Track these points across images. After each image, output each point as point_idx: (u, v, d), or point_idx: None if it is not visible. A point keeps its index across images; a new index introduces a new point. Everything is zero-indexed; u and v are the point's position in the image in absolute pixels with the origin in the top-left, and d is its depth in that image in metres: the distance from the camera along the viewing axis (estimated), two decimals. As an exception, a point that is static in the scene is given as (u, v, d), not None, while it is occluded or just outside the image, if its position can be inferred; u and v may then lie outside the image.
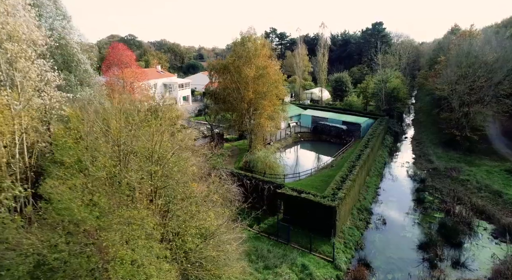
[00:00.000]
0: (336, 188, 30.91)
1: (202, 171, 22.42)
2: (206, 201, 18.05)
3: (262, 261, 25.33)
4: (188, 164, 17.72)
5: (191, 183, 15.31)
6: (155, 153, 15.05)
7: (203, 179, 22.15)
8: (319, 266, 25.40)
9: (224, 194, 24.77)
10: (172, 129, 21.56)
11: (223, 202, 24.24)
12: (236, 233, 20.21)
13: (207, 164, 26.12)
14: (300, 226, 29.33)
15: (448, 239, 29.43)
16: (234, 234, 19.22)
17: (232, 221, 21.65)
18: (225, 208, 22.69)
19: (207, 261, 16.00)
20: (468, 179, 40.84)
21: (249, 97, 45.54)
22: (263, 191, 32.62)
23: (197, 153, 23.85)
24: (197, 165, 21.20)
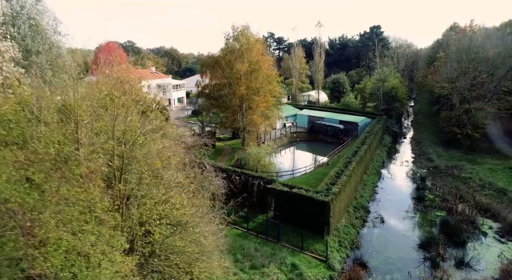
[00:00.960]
0: (331, 184, 28.86)
1: (182, 159, 20.39)
2: (180, 188, 15.96)
3: (249, 260, 23.19)
4: (160, 148, 15.71)
5: (156, 162, 13.23)
6: (116, 129, 13.07)
7: (182, 169, 20.17)
8: (311, 265, 23.23)
9: (204, 185, 22.81)
10: (143, 108, 19.57)
11: (204, 194, 22.30)
12: (214, 226, 18.18)
13: (189, 154, 24.14)
14: (292, 224, 27.22)
15: (451, 238, 27.30)
16: (213, 227, 17.13)
17: (212, 214, 19.72)
18: (205, 199, 20.78)
19: (176, 254, 13.87)
20: (471, 177, 38.80)
21: (241, 92, 43.68)
22: (252, 187, 30.53)
23: (178, 141, 21.93)
24: (174, 151, 19.23)
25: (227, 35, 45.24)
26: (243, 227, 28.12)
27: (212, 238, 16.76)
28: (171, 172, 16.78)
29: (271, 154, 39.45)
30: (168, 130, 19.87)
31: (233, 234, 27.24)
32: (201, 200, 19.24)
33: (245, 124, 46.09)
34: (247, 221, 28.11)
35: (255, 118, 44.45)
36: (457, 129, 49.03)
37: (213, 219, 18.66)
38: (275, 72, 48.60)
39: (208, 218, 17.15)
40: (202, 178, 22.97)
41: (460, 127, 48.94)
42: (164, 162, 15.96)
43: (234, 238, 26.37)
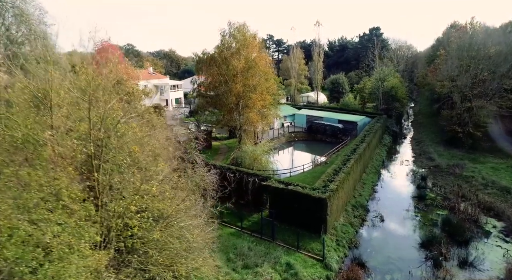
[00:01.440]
0: (328, 181, 27.77)
1: (169, 151, 19.35)
2: (164, 180, 14.89)
3: (242, 259, 22.08)
4: (143, 136, 14.65)
5: (133, 147, 12.15)
6: (92, 114, 12.04)
7: (169, 161, 19.11)
8: (307, 265, 22.10)
9: (195, 179, 21.74)
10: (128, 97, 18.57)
11: (193, 188, 21.23)
12: (201, 221, 17.12)
13: (179, 149, 23.10)
14: (287, 222, 26.12)
15: (453, 237, 26.17)
16: (199, 221, 16.04)
17: (199, 207, 18.69)
18: (194, 193, 19.74)
19: (159, 251, 12.77)
20: (473, 176, 37.71)
21: (237, 90, 42.64)
22: (247, 184, 29.43)
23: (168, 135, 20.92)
24: (160, 141, 18.18)
25: (223, 32, 44.27)
26: (237, 226, 27.01)
27: (198, 233, 15.68)
28: (155, 163, 15.75)
29: (268, 152, 38.35)
30: (153, 118, 18.73)
31: (227, 233, 26.15)
32: (188, 193, 18.23)
33: (241, 122, 45.07)
34: (241, 220, 26.99)
35: (251, 116, 43.41)
36: (458, 127, 47.96)
37: (201, 213, 17.67)
38: (272, 69, 47.69)
39: (195, 212, 16.08)
40: (192, 172, 21.92)
41: (462, 125, 47.88)
42: (148, 152, 14.91)
43: (227, 237, 25.30)
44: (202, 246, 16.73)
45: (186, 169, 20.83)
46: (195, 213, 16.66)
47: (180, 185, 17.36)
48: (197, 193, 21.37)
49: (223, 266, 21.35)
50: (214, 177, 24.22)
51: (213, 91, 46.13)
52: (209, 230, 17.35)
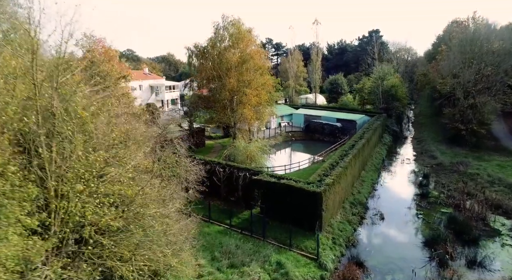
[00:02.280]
0: (324, 175, 25.82)
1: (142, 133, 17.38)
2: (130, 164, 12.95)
3: (228, 258, 20.04)
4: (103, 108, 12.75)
5: (81, 112, 10.16)
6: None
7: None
8: (300, 264, 20.08)
9: (174, 169, 19.82)
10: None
11: (174, 179, 19.34)
12: (179, 212, 15.24)
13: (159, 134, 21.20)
14: (280, 219, 24.10)
15: (460, 235, 24.14)
16: (173, 210, 14.11)
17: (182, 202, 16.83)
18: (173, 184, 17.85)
19: (115, 240, 10.80)
20: (478, 173, 35.76)
21: (231, 85, 40.86)
22: (238, 179, 27.47)
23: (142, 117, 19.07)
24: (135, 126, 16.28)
25: (217, 25, 42.59)
26: (226, 224, 25.00)
27: (172, 224, 13.76)
28: (125, 146, 13.87)
29: (262, 149, 36.41)
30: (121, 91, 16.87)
31: (214, 231, 24.18)
32: (165, 182, 16.35)
33: (235, 119, 43.25)
34: (230, 217, 24.98)
35: (246, 112, 41.57)
36: (461, 125, 46.04)
37: (179, 205, 15.76)
38: (269, 64, 46.02)
39: (172, 204, 14.13)
40: (173, 161, 19.98)
41: (465, 123, 45.96)
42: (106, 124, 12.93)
43: (214, 235, 23.32)
44: (178, 240, 14.88)
45: (166, 157, 18.89)
46: (172, 205, 14.75)
47: (155, 171, 15.48)
48: (178, 183, 19.50)
49: (206, 265, 19.37)
50: (198, 169, 22.27)
51: (205, 86, 44.43)
52: (185, 223, 15.41)
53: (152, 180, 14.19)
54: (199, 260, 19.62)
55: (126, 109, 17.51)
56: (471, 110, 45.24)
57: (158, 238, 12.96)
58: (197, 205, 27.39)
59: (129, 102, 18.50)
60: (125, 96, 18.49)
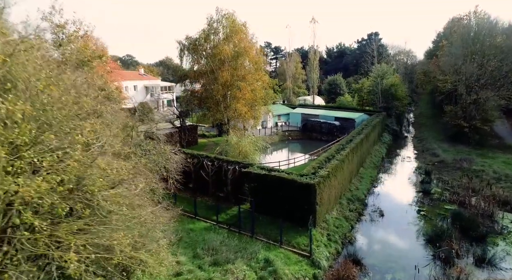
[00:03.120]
0: (319, 168, 23.98)
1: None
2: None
3: (211, 255, 18.12)
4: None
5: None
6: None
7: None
8: (290, 262, 18.16)
9: (155, 158, 18.02)
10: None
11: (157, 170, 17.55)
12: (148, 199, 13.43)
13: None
14: (271, 214, 22.21)
15: (466, 232, 22.24)
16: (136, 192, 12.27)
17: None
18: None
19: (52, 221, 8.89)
20: (483, 169, 33.93)
21: (224, 78, 39.27)
22: (227, 173, 25.64)
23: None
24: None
25: (210, 18, 41.06)
26: (213, 220, 23.08)
27: (138, 209, 11.92)
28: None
29: (256, 144, 34.57)
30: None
31: (199, 227, 22.24)
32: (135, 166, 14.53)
33: (229, 115, 41.55)
34: (217, 213, 23.05)
35: (239, 107, 39.91)
36: (464, 122, 44.31)
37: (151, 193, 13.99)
38: (263, 59, 44.47)
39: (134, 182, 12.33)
40: (151, 147, 18.18)
41: (468, 120, 44.21)
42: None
43: (199, 232, 21.38)
44: (150, 231, 13.10)
45: (142, 142, 17.11)
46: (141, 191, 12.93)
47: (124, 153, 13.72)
48: (154, 171, 17.63)
49: (187, 262, 17.46)
50: (180, 157, 20.46)
51: (198, 81, 42.85)
52: (159, 212, 13.57)
53: (120, 162, 12.48)
54: (179, 257, 17.77)
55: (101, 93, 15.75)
56: (474, 106, 43.49)
57: (119, 224, 11.13)
58: (183, 201, 25.85)
59: (105, 83, 16.73)
60: (101, 78, 16.69)
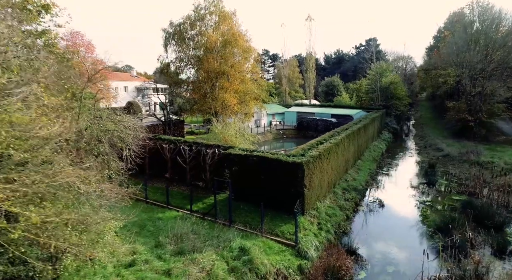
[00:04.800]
0: (309, 149, 20.99)
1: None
2: None
3: (176, 244, 14.94)
4: None
5: None
6: None
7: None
8: (271, 251, 15.00)
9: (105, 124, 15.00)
10: None
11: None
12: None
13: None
14: (253, 202, 19.06)
15: (480, 221, 19.10)
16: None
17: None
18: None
19: None
20: (493, 161, 30.90)
21: (211, 66, 36.57)
22: (205, 158, 22.61)
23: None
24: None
25: (197, 5, 38.63)
26: (187, 210, 19.94)
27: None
28: None
29: (243, 134, 31.65)
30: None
31: (170, 216, 19.07)
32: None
33: (216, 107, 38.69)
34: (191, 200, 19.90)
35: (227, 97, 37.07)
36: (469, 116, 41.42)
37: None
38: (254, 50, 41.90)
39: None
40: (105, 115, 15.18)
41: (473, 113, 41.34)
42: None
43: (167, 221, 18.18)
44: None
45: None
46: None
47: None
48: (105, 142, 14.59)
49: (144, 252, 14.30)
50: (142, 135, 17.46)
51: (184, 71, 40.24)
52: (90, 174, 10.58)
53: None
54: (137, 246, 14.67)
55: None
56: (479, 97, 40.69)
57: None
58: (156, 192, 22.83)
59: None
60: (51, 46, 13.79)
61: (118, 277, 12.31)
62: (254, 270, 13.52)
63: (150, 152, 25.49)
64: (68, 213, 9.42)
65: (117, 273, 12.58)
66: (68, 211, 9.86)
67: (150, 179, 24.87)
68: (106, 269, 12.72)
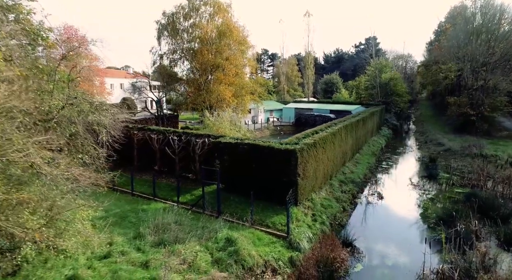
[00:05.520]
0: (303, 138, 19.89)
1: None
2: None
3: (157, 235, 13.80)
4: None
5: None
6: None
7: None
8: (261, 243, 13.88)
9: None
10: None
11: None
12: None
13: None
14: (244, 193, 17.88)
15: (485, 213, 17.95)
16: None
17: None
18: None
19: None
20: (497, 155, 29.74)
21: (205, 58, 35.50)
22: (195, 148, 21.49)
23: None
24: None
25: (190, -3, 37.55)
26: (174, 201, 18.80)
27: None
28: None
29: (237, 126, 30.63)
30: None
31: (155, 208, 17.91)
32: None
33: (211, 100, 37.58)
34: (178, 191, 18.77)
35: (222, 90, 35.98)
36: (471, 110, 40.26)
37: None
38: (250, 44, 40.83)
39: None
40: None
41: (475, 107, 40.20)
42: None
43: (151, 212, 16.99)
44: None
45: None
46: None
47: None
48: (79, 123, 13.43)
49: (122, 243, 13.18)
50: (117, 110, 16.34)
51: (176, 64, 39.17)
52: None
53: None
54: (115, 237, 13.56)
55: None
56: (482, 90, 39.56)
57: None
58: (144, 184, 21.74)
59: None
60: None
61: (89, 269, 11.19)
62: (240, 262, 12.40)
63: (139, 143, 24.41)
64: (21, 193, 8.33)
65: (89, 265, 11.46)
66: (23, 192, 8.78)
67: (138, 171, 23.79)
68: (78, 260, 11.62)
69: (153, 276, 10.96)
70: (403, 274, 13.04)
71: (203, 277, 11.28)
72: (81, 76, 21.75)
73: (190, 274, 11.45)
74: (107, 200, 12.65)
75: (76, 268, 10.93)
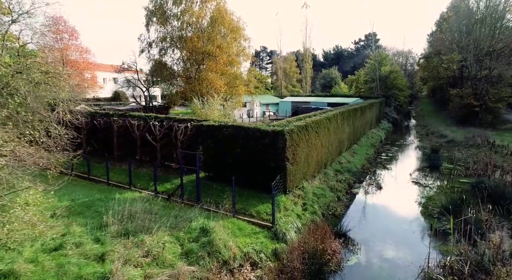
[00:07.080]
0: (295, 121, 18.11)
1: None
2: None
3: (122, 225, 11.99)
4: None
5: None
6: None
7: None
8: (241, 233, 12.09)
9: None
10: None
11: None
12: None
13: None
14: (228, 182, 16.03)
15: (495, 202, 16.13)
16: None
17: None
18: None
19: None
20: (503, 145, 27.93)
21: (197, 46, 33.73)
22: (177, 134, 19.72)
23: None
24: None
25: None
26: (152, 191, 17.00)
27: None
28: None
29: (227, 113, 28.89)
30: None
31: (128, 197, 16.09)
32: None
33: (202, 90, 35.75)
34: (155, 179, 16.98)
35: (212, 77, 34.16)
36: (474, 101, 38.45)
37: None
38: (243, 32, 39.03)
39: None
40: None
41: (478, 98, 38.38)
42: None
43: (122, 200, 15.11)
44: None
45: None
46: None
47: None
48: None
49: (80, 233, 11.38)
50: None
51: (166, 52, 37.38)
52: None
53: None
54: (73, 226, 11.77)
55: None
56: (486, 79, 37.75)
57: None
58: (122, 173, 19.99)
59: None
60: None
61: (31, 263, 9.39)
62: (215, 255, 10.60)
63: (119, 130, 22.64)
64: None
65: (33, 258, 9.66)
66: None
67: (119, 161, 22.09)
68: (22, 254, 9.82)
69: (106, 270, 9.15)
70: (404, 267, 11.25)
71: (167, 271, 9.49)
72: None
73: (153, 268, 9.66)
74: (63, 183, 10.89)
75: (14, 262, 9.13)
